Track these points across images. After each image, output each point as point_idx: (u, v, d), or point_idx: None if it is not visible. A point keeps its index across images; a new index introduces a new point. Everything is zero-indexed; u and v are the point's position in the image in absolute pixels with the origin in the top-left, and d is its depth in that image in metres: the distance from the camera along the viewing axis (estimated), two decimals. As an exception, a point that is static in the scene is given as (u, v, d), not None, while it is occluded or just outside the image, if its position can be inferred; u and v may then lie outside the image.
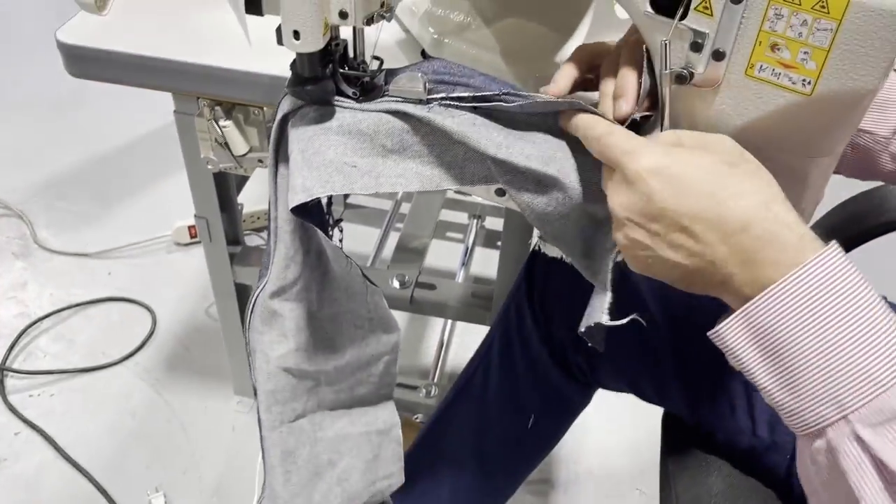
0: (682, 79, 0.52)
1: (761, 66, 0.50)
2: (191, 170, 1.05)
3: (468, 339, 1.57)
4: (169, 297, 1.63)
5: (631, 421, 1.43)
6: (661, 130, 0.55)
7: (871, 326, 0.44)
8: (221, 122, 0.91)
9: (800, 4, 0.46)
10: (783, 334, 0.45)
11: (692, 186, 0.47)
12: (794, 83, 0.49)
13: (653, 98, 0.56)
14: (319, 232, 0.63)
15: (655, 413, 0.88)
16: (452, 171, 0.62)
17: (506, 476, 0.98)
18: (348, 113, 0.60)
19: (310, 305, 0.68)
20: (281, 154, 0.63)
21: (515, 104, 0.58)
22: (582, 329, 0.58)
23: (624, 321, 0.56)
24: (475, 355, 0.96)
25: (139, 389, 1.45)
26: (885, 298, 0.46)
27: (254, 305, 0.67)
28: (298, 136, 0.59)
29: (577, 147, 0.59)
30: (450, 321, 1.58)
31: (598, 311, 0.58)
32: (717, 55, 0.50)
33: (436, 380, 1.43)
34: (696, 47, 0.51)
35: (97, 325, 1.57)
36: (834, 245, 0.45)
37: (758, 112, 0.51)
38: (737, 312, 0.47)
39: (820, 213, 0.89)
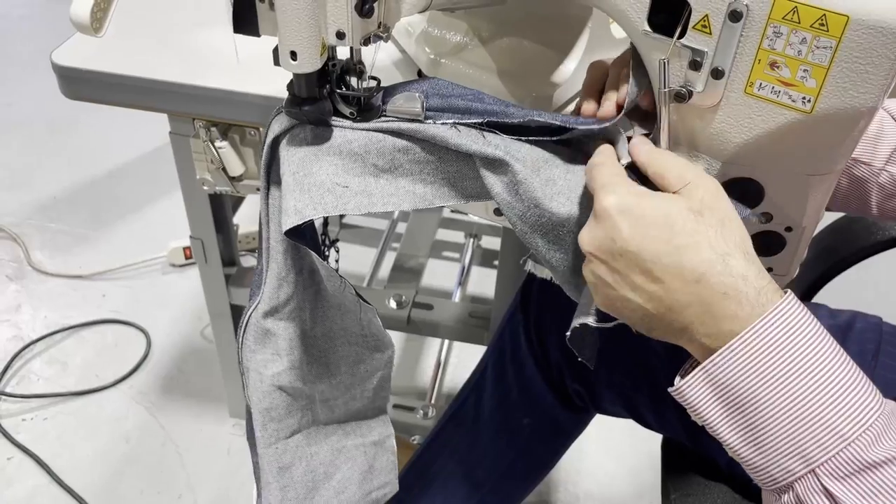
0: (681, 97, 0.52)
1: (760, 84, 0.49)
2: (186, 191, 1.05)
3: (465, 358, 1.56)
4: (164, 319, 1.62)
5: (630, 443, 1.42)
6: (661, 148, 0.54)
7: (832, 379, 0.44)
8: (217, 143, 0.90)
9: (799, 23, 0.46)
10: (745, 390, 0.45)
11: (655, 231, 0.47)
12: (793, 101, 0.49)
13: (652, 115, 0.56)
14: (312, 252, 0.62)
15: (654, 435, 0.87)
16: (445, 188, 0.62)
17: (498, 502, 0.97)
18: (338, 132, 0.60)
19: (303, 324, 0.68)
20: (272, 175, 0.62)
21: (530, 117, 0.58)
22: (568, 334, 0.58)
23: (611, 324, 0.55)
24: (469, 379, 0.96)
25: (134, 412, 1.44)
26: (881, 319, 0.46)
27: (246, 324, 0.67)
28: (290, 159, 0.59)
29: (573, 159, 0.59)
30: (447, 341, 1.57)
31: (585, 313, 0.57)
32: (716, 73, 0.50)
33: (433, 401, 1.41)
34: (695, 66, 0.51)
35: (91, 348, 1.56)
36: (790, 296, 0.45)
37: (757, 130, 0.51)
38: (697, 369, 0.46)
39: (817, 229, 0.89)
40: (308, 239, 0.65)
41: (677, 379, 0.49)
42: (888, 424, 0.44)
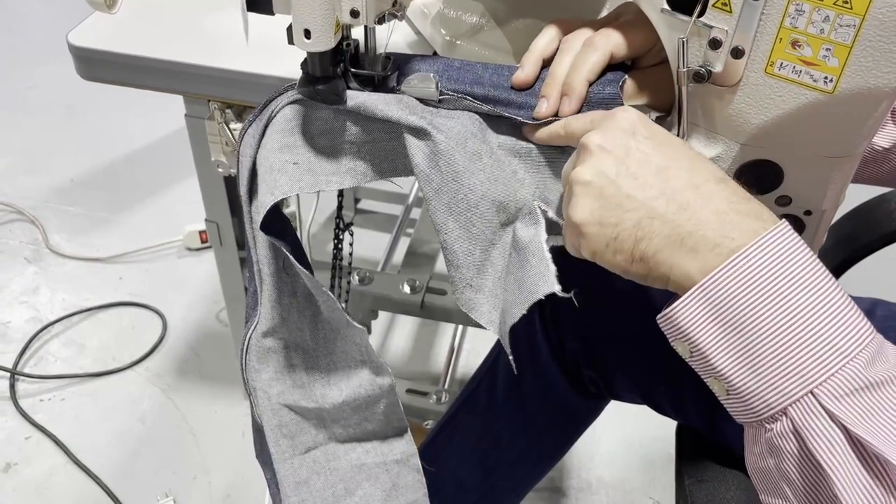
0: (700, 77, 0.51)
1: (781, 64, 0.48)
2: (201, 174, 1.05)
3: (479, 344, 1.56)
4: (180, 302, 1.63)
5: (644, 429, 1.41)
6: (679, 131, 0.54)
7: (828, 299, 0.42)
8: (232, 125, 0.90)
9: (822, 0, 0.45)
10: (742, 309, 0.43)
11: (673, 143, 0.48)
12: (815, 81, 0.48)
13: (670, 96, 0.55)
14: (302, 270, 0.61)
15: (668, 421, 0.86)
16: (385, 164, 0.61)
17: (510, 488, 0.97)
18: (289, 111, 0.60)
19: (304, 343, 0.68)
20: (253, 193, 0.62)
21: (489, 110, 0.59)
22: (524, 310, 0.55)
23: (569, 294, 0.53)
24: (482, 365, 0.95)
25: (149, 394, 1.45)
26: None
27: (248, 345, 0.66)
28: (258, 162, 0.60)
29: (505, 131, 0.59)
30: (460, 326, 1.57)
31: (543, 284, 0.55)
32: (736, 53, 0.49)
33: (446, 386, 1.41)
34: (715, 45, 0.50)
35: (108, 330, 1.57)
36: (784, 221, 0.44)
37: (778, 111, 0.50)
38: (694, 288, 0.44)
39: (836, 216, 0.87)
40: (288, 242, 0.64)
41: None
42: (880, 349, 0.43)
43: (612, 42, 0.56)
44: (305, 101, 0.59)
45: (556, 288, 0.51)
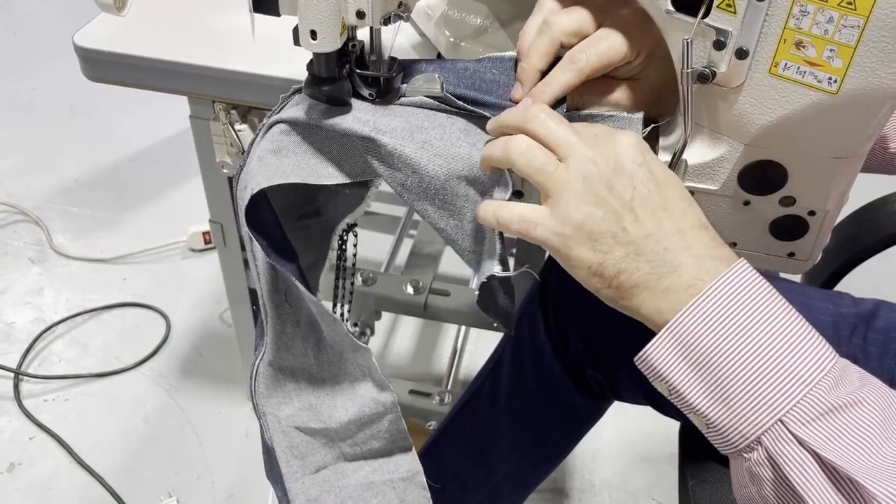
0: (705, 78, 0.51)
1: (786, 65, 0.49)
2: (206, 174, 1.05)
3: (482, 345, 1.56)
4: (183, 303, 1.63)
5: (647, 430, 1.41)
6: (684, 131, 0.54)
7: (789, 330, 0.45)
8: (237, 126, 0.91)
9: (826, 1, 0.45)
10: (709, 346, 0.45)
11: (671, 182, 0.49)
12: (819, 82, 0.48)
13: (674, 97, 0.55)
14: (308, 296, 0.62)
15: (671, 422, 0.86)
16: (331, 168, 0.62)
17: (513, 488, 0.97)
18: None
19: (309, 368, 0.70)
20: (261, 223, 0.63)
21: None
22: (476, 289, 0.57)
23: (515, 272, 0.56)
24: (485, 365, 0.95)
25: (153, 395, 1.45)
26: None
27: (256, 373, 0.69)
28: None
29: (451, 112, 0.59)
30: (463, 327, 1.57)
31: (490, 260, 0.57)
32: (741, 53, 0.49)
33: (449, 387, 1.42)
34: (719, 45, 0.50)
35: (112, 331, 1.57)
36: (742, 261, 0.47)
37: (782, 111, 0.50)
38: (663, 331, 0.47)
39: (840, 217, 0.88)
40: (283, 258, 0.66)
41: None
42: (843, 373, 0.45)
43: (590, 65, 0.55)
44: (289, 120, 0.60)
45: (496, 269, 0.55)
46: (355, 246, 1.03)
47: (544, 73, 0.57)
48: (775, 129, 0.51)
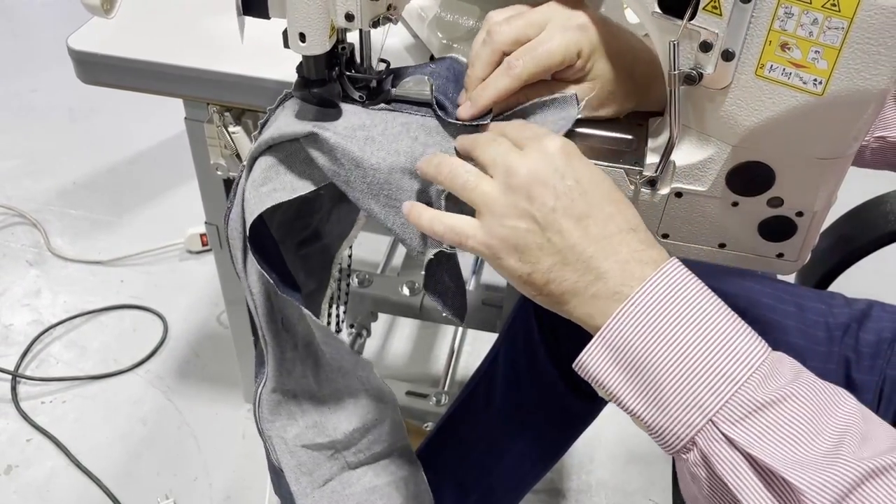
0: (691, 80, 0.52)
1: (771, 66, 0.49)
2: (201, 177, 1.06)
3: (478, 346, 1.56)
4: (181, 305, 1.63)
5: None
6: (671, 132, 0.54)
7: (718, 329, 0.45)
8: (231, 129, 0.91)
9: (810, 3, 0.46)
10: (640, 350, 0.46)
11: (597, 185, 0.50)
12: (805, 83, 0.48)
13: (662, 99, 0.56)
14: (312, 318, 0.64)
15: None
16: (300, 181, 0.62)
17: (509, 489, 0.97)
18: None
19: (310, 388, 0.72)
20: (248, 260, 0.64)
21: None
22: (424, 272, 0.59)
23: (452, 249, 0.57)
24: (480, 366, 0.96)
25: (150, 396, 1.46)
26: None
27: (259, 401, 0.70)
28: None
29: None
30: (460, 329, 1.57)
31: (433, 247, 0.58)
32: (727, 55, 0.50)
33: (446, 388, 1.42)
34: (706, 47, 0.50)
35: (109, 333, 1.58)
36: (673, 259, 0.48)
37: (768, 113, 0.50)
38: (595, 338, 0.48)
39: (831, 218, 0.88)
40: (287, 285, 0.67)
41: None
42: (773, 369, 0.45)
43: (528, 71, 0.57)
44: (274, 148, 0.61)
45: (444, 247, 0.56)
46: (351, 247, 1.04)
47: None
48: (762, 130, 0.51)
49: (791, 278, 0.94)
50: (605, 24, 0.58)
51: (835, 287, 0.93)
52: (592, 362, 0.48)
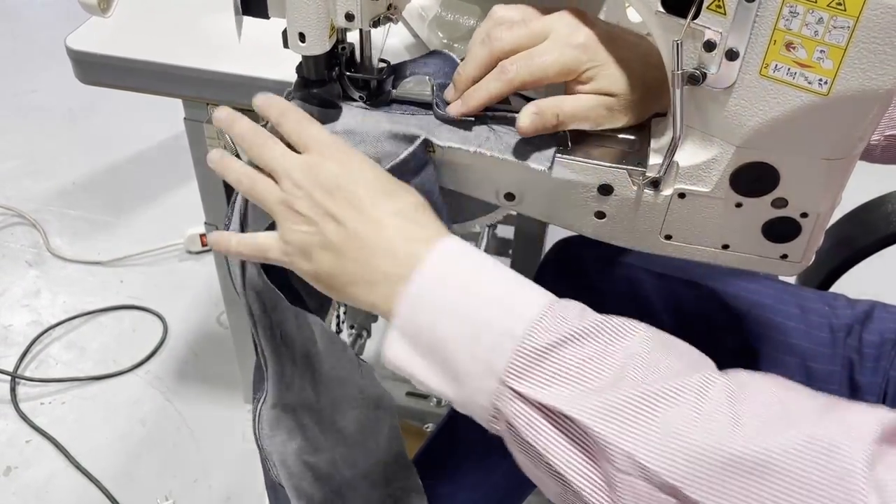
0: (695, 79, 0.51)
1: (776, 66, 0.48)
2: (201, 177, 1.05)
3: (480, 347, 1.56)
4: (180, 306, 1.63)
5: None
6: (674, 132, 0.53)
7: (495, 290, 0.46)
8: (230, 129, 0.90)
9: (815, 2, 0.45)
10: (429, 329, 0.46)
11: (356, 182, 0.52)
12: (810, 83, 0.48)
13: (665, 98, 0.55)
14: (318, 323, 0.64)
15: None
16: None
17: (510, 488, 0.96)
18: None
19: (308, 400, 0.72)
20: (247, 276, 0.64)
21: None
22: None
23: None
24: None
25: (150, 397, 1.45)
26: None
27: (259, 417, 0.71)
28: None
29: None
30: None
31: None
32: (731, 55, 0.49)
33: (447, 389, 1.41)
34: (709, 47, 0.50)
35: (109, 333, 1.57)
36: (446, 235, 0.50)
37: (773, 113, 0.50)
38: (389, 330, 0.48)
39: (832, 218, 0.87)
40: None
41: None
42: (556, 314, 0.44)
43: (520, 77, 0.57)
44: None
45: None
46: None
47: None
48: (766, 130, 0.51)
49: (792, 279, 0.94)
50: (611, 36, 0.57)
51: (836, 288, 0.93)
52: (393, 354, 0.48)
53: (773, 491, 0.37)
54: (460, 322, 0.45)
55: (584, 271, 0.87)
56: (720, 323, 0.81)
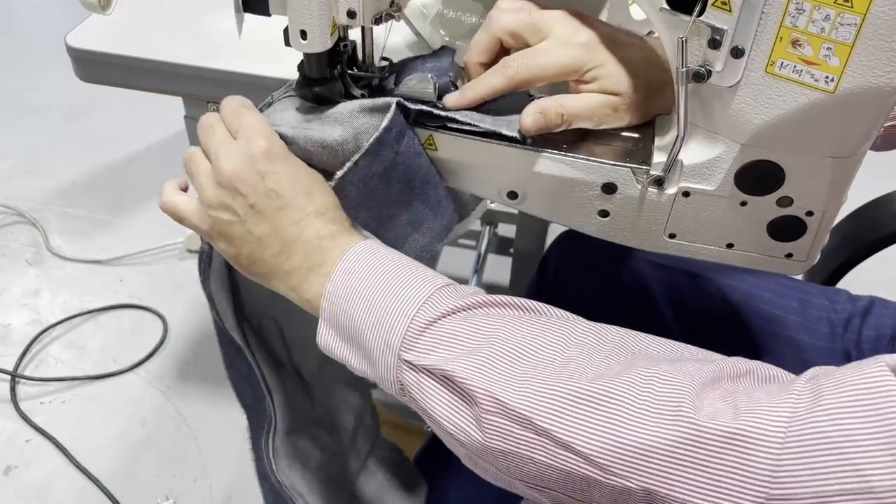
0: (700, 77, 0.51)
1: (782, 63, 0.48)
2: (201, 175, 1.05)
3: (481, 346, 1.56)
4: (180, 305, 1.62)
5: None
6: (679, 131, 0.53)
7: (398, 278, 0.52)
8: (231, 127, 0.90)
9: (822, -2, 0.45)
10: (347, 316, 0.52)
11: (288, 177, 0.55)
12: (816, 80, 0.47)
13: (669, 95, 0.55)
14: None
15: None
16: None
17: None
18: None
19: (306, 413, 0.73)
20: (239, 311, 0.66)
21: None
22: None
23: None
24: None
25: (150, 397, 1.45)
26: None
27: (274, 453, 0.72)
28: None
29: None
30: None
31: None
32: (736, 52, 0.49)
33: (448, 388, 1.41)
34: (715, 44, 0.49)
35: (109, 333, 1.57)
36: (358, 235, 0.56)
37: (778, 111, 0.49)
38: (320, 319, 0.53)
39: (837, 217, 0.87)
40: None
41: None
42: (445, 294, 0.51)
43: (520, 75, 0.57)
44: None
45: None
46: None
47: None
48: (772, 128, 0.51)
49: (798, 276, 0.94)
50: (611, 37, 0.57)
51: (842, 285, 0.93)
52: (325, 342, 0.53)
53: (611, 413, 0.42)
54: (367, 311, 0.51)
55: (586, 261, 0.87)
56: (720, 314, 0.81)
